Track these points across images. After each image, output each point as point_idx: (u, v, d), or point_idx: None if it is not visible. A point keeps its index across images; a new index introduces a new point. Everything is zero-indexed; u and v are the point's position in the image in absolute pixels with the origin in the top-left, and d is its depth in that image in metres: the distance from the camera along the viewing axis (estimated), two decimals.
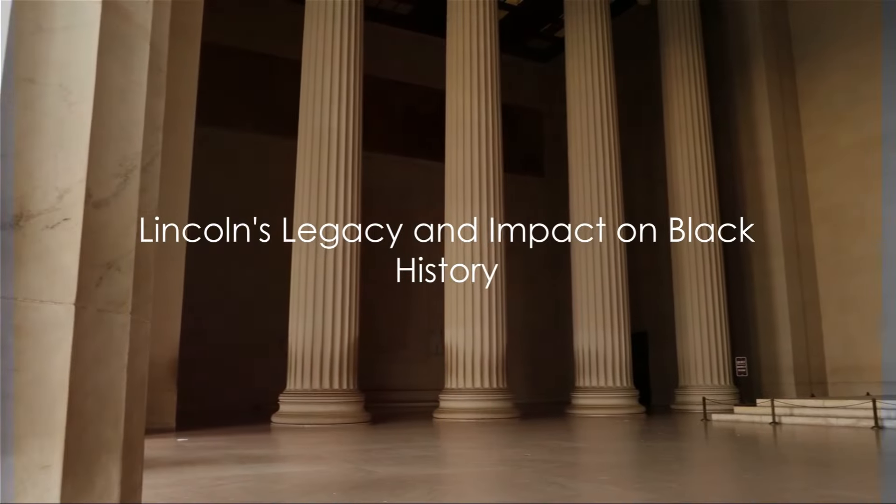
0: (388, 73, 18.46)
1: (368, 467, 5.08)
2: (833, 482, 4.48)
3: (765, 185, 15.25)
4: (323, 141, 10.93)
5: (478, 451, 6.82)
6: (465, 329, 11.60)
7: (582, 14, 14.26)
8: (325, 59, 11.22)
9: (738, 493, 4.12)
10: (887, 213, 13.84)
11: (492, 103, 12.40)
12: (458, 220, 12.00)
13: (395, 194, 18.32)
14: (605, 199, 13.45)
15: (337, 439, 7.81)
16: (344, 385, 10.35)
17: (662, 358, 16.54)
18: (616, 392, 12.75)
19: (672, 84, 15.16)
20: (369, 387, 13.72)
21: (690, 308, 14.18)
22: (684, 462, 5.77)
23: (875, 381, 13.17)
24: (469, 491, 4.30)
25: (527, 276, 19.73)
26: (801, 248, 15.05)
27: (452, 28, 12.84)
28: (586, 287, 13.23)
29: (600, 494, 3.95)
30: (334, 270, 10.56)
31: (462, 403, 11.31)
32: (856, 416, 8.75)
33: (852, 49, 14.77)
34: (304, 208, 10.82)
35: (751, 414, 10.20)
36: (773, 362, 14.61)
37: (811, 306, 14.87)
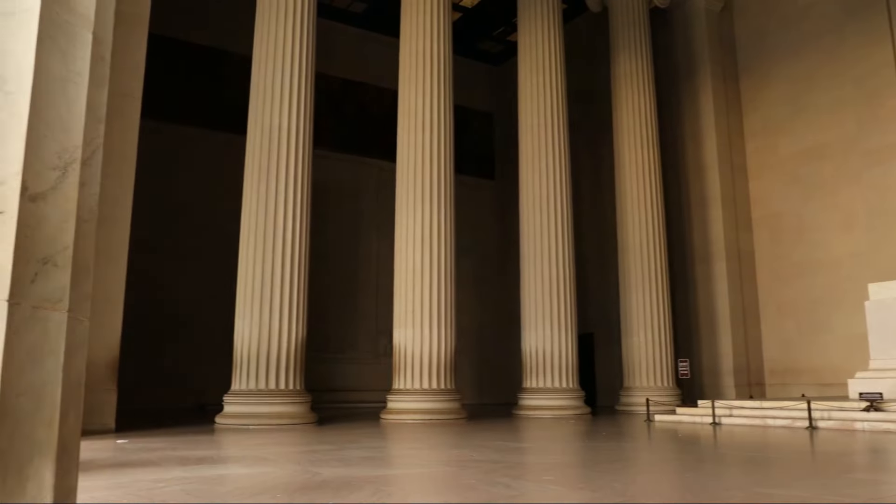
0: (340, 72, 18.36)
1: (314, 468, 5.03)
2: (768, 480, 4.62)
3: (709, 192, 15.65)
4: (273, 138, 10.78)
5: (424, 451, 6.82)
6: (413, 330, 11.59)
7: (534, 18, 14.41)
8: (276, 54, 11.07)
9: (678, 492, 4.21)
10: (823, 221, 14.35)
11: (444, 104, 12.43)
12: (408, 220, 11.99)
13: (346, 193, 18.22)
14: (554, 201, 13.61)
15: (282, 440, 7.72)
16: (290, 385, 10.22)
17: (608, 359, 16.82)
18: (562, 393, 12.91)
19: (621, 90, 15.43)
20: (317, 387, 13.60)
21: (636, 311, 14.44)
22: (627, 462, 5.87)
23: (810, 383, 13.64)
24: (414, 491, 4.29)
25: (477, 277, 19.83)
26: (742, 253, 15.49)
27: (406, 28, 12.82)
28: (534, 288, 13.37)
29: (544, 494, 3.99)
30: (282, 269, 10.43)
31: (409, 404, 11.30)
32: (791, 416, 9.04)
33: (794, 61, 15.27)
34: (252, 206, 10.65)
35: (692, 415, 10.44)
36: (714, 364, 15.00)
37: (751, 310, 15.31)
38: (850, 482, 4.48)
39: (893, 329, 9.53)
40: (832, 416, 8.66)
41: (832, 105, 14.45)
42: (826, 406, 8.80)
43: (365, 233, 18.32)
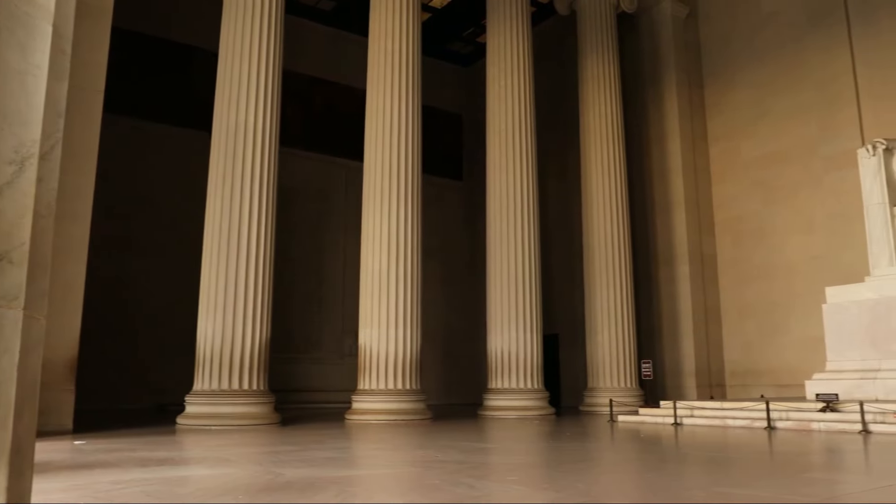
0: (308, 70, 18.23)
1: (277, 469, 4.99)
2: (728, 480, 4.69)
3: (672, 195, 15.87)
4: (238, 135, 10.66)
5: (389, 452, 6.80)
6: (379, 330, 11.55)
7: (503, 20, 14.47)
8: (243, 51, 10.95)
9: (640, 492, 4.26)
10: (783, 225, 14.65)
11: (413, 104, 12.41)
12: (375, 220, 11.95)
13: (313, 192, 18.10)
14: (521, 203, 13.68)
15: (245, 441, 7.64)
16: (254, 385, 10.12)
17: (573, 360, 16.95)
18: (527, 394, 12.98)
19: (589, 93, 15.57)
20: (281, 388, 13.49)
21: (600, 312, 14.58)
22: (591, 462, 5.92)
23: (769, 384, 13.90)
24: (379, 492, 4.28)
25: (443, 277, 19.84)
26: (704, 256, 15.74)
27: (375, 27, 12.78)
28: (500, 290, 13.43)
29: (508, 494, 4.01)
30: (247, 268, 10.32)
31: (374, 405, 11.26)
32: (750, 417, 9.20)
33: (757, 67, 15.57)
34: (216, 204, 10.52)
35: (654, 415, 10.57)
36: (677, 366, 15.21)
37: (713, 312, 15.57)
38: (807, 481, 4.58)
39: (849, 332, 9.76)
40: (790, 417, 8.84)
41: (794, 111, 14.76)
42: (784, 407, 8.97)
43: (332, 232, 18.21)
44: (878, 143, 10.77)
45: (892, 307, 9.36)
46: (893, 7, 13.53)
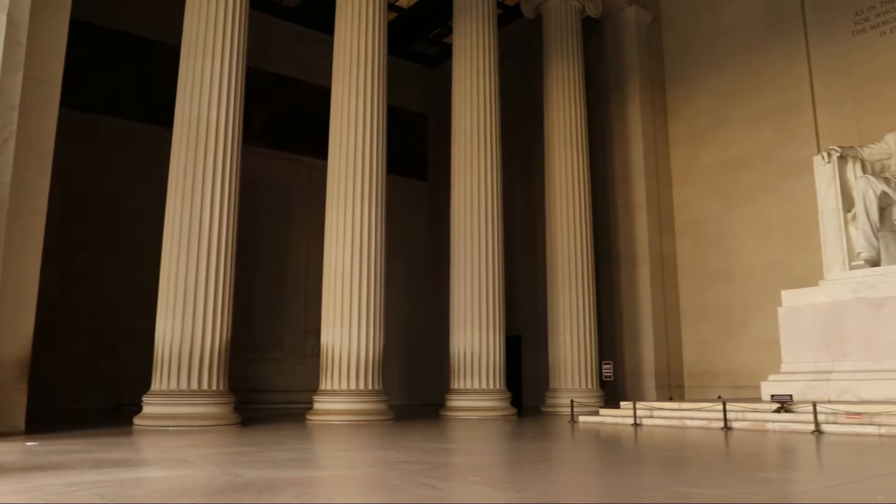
0: (273, 67, 18.05)
1: (236, 470, 4.92)
2: (685, 480, 4.77)
3: (635, 198, 16.08)
4: (200, 131, 10.50)
5: (350, 453, 6.77)
6: (341, 330, 11.48)
7: (470, 22, 14.51)
8: (207, 45, 10.79)
9: (600, 492, 4.30)
10: (741, 229, 14.95)
11: (378, 103, 12.37)
12: (339, 219, 11.89)
13: (276, 190, 17.94)
14: (485, 204, 13.73)
15: (204, 442, 7.53)
16: (214, 386, 9.98)
17: (535, 361, 17.06)
18: (489, 394, 13.03)
19: (553, 96, 15.69)
20: (242, 388, 13.33)
21: (562, 314, 14.70)
22: (551, 462, 5.96)
23: (726, 385, 14.16)
24: (339, 493, 4.25)
25: (407, 277, 19.81)
26: (665, 258, 15.98)
27: (340, 25, 12.71)
28: (464, 290, 13.45)
29: (470, 495, 4.01)
30: (207, 267, 10.17)
31: (336, 405, 11.19)
32: (708, 417, 9.36)
33: (717, 73, 15.87)
34: (177, 201, 10.35)
35: (614, 416, 10.68)
36: (637, 366, 15.41)
37: (672, 314, 15.81)
38: (761, 480, 4.67)
39: (803, 334, 9.99)
40: (746, 417, 9.01)
41: (753, 117, 15.07)
42: (740, 407, 9.15)
43: (295, 231, 18.06)
44: (832, 150, 11.05)
45: (845, 311, 9.61)
46: (848, 18, 13.91)
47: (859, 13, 13.80)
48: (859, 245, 10.23)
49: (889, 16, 13.42)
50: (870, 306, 9.38)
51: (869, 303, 9.40)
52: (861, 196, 10.23)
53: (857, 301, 9.53)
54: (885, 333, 9.19)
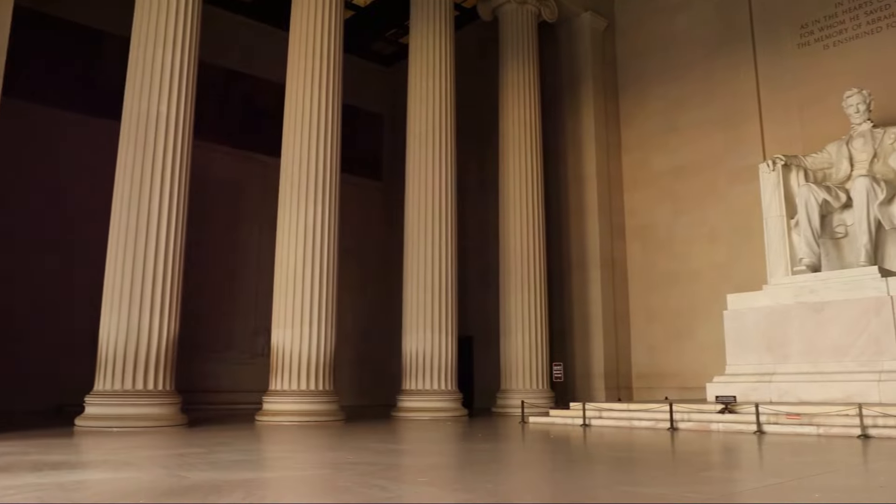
0: (226, 62, 17.77)
1: (181, 472, 4.83)
2: (632, 479, 4.85)
3: (587, 202, 16.29)
4: (150, 125, 10.28)
5: (299, 454, 6.70)
6: (292, 330, 11.36)
7: (426, 22, 14.51)
8: (157, 37, 10.56)
9: (549, 492, 4.35)
10: (690, 234, 15.27)
11: (333, 102, 12.28)
12: (291, 218, 11.76)
13: (227, 187, 17.65)
14: (439, 205, 13.74)
15: (148, 444, 7.36)
16: (160, 386, 9.77)
17: (486, 362, 17.13)
18: (441, 395, 13.04)
19: (508, 99, 15.79)
20: (190, 388, 13.08)
21: (514, 315, 14.79)
22: (501, 463, 6.00)
23: (673, 386, 14.44)
24: (288, 495, 4.21)
25: (361, 278, 19.71)
26: (615, 261, 16.23)
27: (296, 22, 12.59)
28: (417, 291, 13.45)
29: (420, 496, 4.01)
30: (155, 264, 9.96)
31: (286, 406, 11.07)
32: (655, 418, 9.53)
33: (669, 82, 16.19)
34: (124, 196, 10.11)
35: (564, 417, 10.80)
36: (587, 368, 15.61)
37: (622, 316, 16.06)
38: (705, 479, 4.78)
39: (747, 337, 10.26)
40: (691, 418, 9.20)
41: (702, 125, 15.42)
42: (686, 408, 9.34)
43: (246, 229, 17.79)
44: (777, 159, 11.38)
45: (787, 314, 9.90)
46: (794, 31, 14.34)
47: (804, 27, 14.24)
48: (801, 251, 10.55)
49: (832, 30, 13.88)
50: (810, 310, 9.68)
51: (809, 307, 9.70)
52: (803, 204, 10.55)
53: (799, 305, 9.82)
54: (824, 337, 9.50)
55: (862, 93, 11.16)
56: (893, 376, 8.69)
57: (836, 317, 9.43)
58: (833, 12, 13.89)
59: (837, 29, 13.81)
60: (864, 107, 11.10)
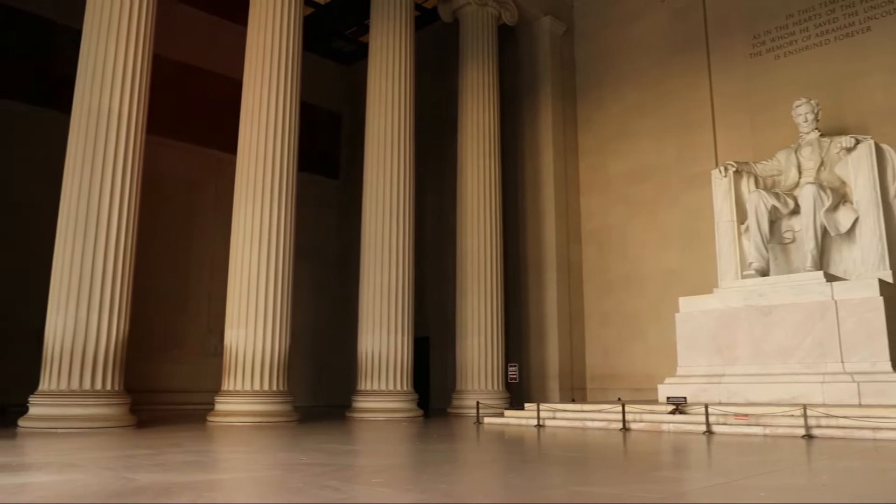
0: (182, 56, 17.44)
1: (129, 474, 4.72)
2: (584, 479, 4.91)
3: (544, 205, 16.43)
4: (101, 119, 10.03)
5: (252, 455, 6.61)
6: (246, 329, 11.21)
7: (387, 22, 14.46)
8: (111, 30, 10.31)
9: (502, 492, 4.37)
10: (644, 238, 15.51)
11: (291, 99, 12.15)
12: (247, 215, 11.60)
13: (181, 183, 17.33)
14: (397, 206, 13.71)
15: (96, 445, 7.18)
16: (108, 385, 9.54)
17: (442, 363, 17.16)
18: (396, 396, 13.01)
19: (468, 101, 15.83)
20: (140, 388, 12.81)
21: (471, 316, 14.84)
22: (455, 463, 6.01)
23: (626, 387, 14.66)
24: (239, 496, 4.15)
25: (317, 276, 19.55)
26: (571, 264, 16.40)
27: (254, 17, 12.43)
28: (373, 291, 13.39)
29: (373, 496, 4.00)
30: (104, 261, 9.72)
31: (239, 406, 10.91)
32: (608, 419, 9.65)
33: (625, 87, 16.44)
34: (73, 191, 9.84)
35: (519, 417, 10.87)
36: (542, 369, 15.74)
37: (577, 318, 16.24)
38: (655, 479, 4.86)
39: (698, 339, 10.47)
40: (643, 419, 9.34)
41: (657, 131, 15.69)
42: (638, 409, 9.48)
43: (200, 226, 17.49)
44: (729, 165, 11.65)
45: (736, 317, 10.13)
46: (747, 40, 14.69)
47: (756, 37, 14.60)
48: (750, 255, 10.82)
49: (783, 41, 14.26)
50: (758, 314, 9.93)
51: (758, 310, 9.94)
52: (753, 209, 10.81)
53: (748, 308, 10.06)
54: (771, 339, 9.75)
55: (810, 102, 11.50)
56: (836, 378, 8.96)
57: (783, 320, 9.68)
58: (784, 24, 14.27)
59: (788, 40, 14.20)
60: (813, 116, 11.43)
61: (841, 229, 10.48)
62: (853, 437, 7.46)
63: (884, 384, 8.58)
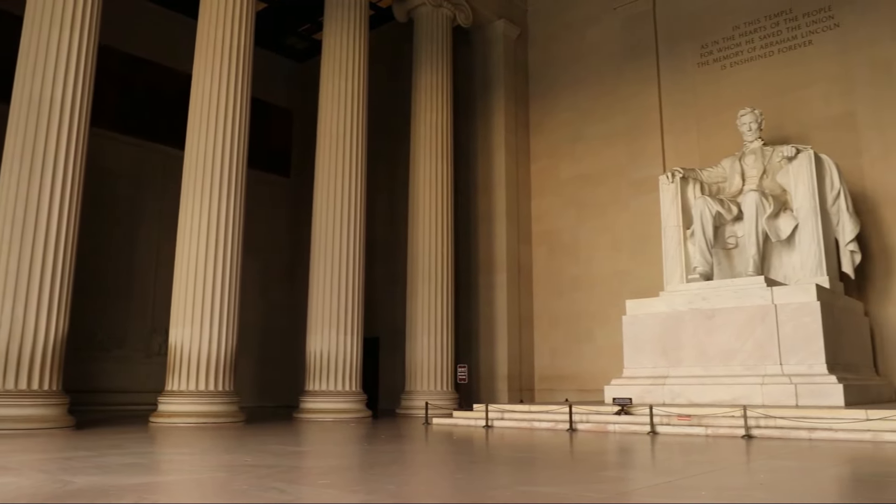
0: (129, 47, 17.03)
1: (66, 477, 4.58)
2: (531, 479, 4.95)
3: (495, 207, 16.53)
4: (42, 109, 9.71)
5: (195, 456, 6.48)
6: (192, 328, 10.98)
7: (341, 20, 14.35)
8: (55, 16, 9.98)
9: (449, 492, 4.37)
10: (594, 241, 15.74)
11: (241, 95, 11.95)
12: (193, 212, 11.36)
13: (126, 178, 16.92)
14: (348, 206, 13.61)
15: (31, 447, 6.95)
16: (45, 385, 9.24)
17: (392, 363, 17.11)
18: (345, 396, 12.91)
19: (421, 101, 15.82)
20: (81, 388, 12.47)
21: (421, 317, 14.83)
22: (403, 464, 6.00)
23: (574, 388, 14.84)
24: (181, 499, 4.06)
25: (265, 275, 19.31)
26: (521, 266, 16.53)
27: (206, 11, 12.19)
28: (323, 290, 13.27)
29: (319, 498, 3.96)
30: (43, 257, 9.41)
31: (183, 406, 10.69)
32: (555, 419, 9.76)
33: (578, 93, 16.64)
34: (11, 184, 9.50)
35: (467, 418, 10.91)
36: (491, 370, 15.82)
37: (526, 320, 16.37)
38: (601, 479, 4.93)
39: (643, 341, 10.67)
40: (590, 419, 9.47)
41: (607, 137, 15.92)
42: (585, 410, 9.61)
43: (145, 223, 17.10)
44: (676, 171, 11.91)
45: (681, 320, 10.35)
46: (695, 50, 15.03)
47: (704, 47, 14.95)
48: (695, 260, 11.07)
49: (730, 51, 14.63)
50: (702, 317, 10.16)
51: (702, 313, 10.18)
52: (699, 215, 11.07)
53: (692, 312, 10.29)
54: (714, 342, 9.99)
55: (754, 112, 11.84)
56: (775, 380, 9.24)
57: (726, 323, 9.93)
58: (731, 35, 14.64)
59: (734, 51, 14.57)
60: (756, 125, 11.77)
61: (781, 236, 10.80)
62: (790, 437, 7.69)
63: (819, 386, 8.87)
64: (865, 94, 12.75)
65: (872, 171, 12.39)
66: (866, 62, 12.85)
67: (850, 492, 4.62)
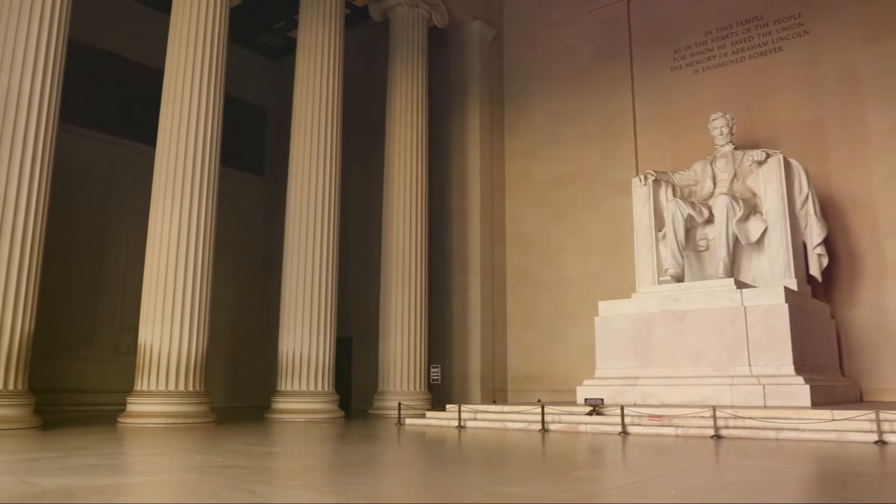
0: (100, 42, 16.76)
1: (31, 479, 4.50)
2: (504, 479, 4.96)
3: (469, 207, 16.56)
4: (10, 101, 9.50)
5: (165, 457, 6.41)
6: (162, 327, 10.83)
7: (316, 18, 14.28)
8: (23, 7, 9.76)
9: (422, 493, 4.37)
10: (567, 242, 15.83)
11: (214, 92, 11.82)
12: (165, 210, 11.21)
13: (96, 175, 16.65)
14: (322, 205, 13.54)
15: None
16: (10, 385, 9.06)
17: (365, 364, 17.04)
18: (317, 396, 12.85)
19: (396, 101, 15.79)
20: (48, 388, 12.25)
21: (394, 317, 14.80)
22: (376, 464, 5.98)
23: (547, 389, 14.90)
24: (149, 500, 4.01)
25: (237, 274, 19.12)
26: (495, 266, 16.57)
27: (178, 6, 12.04)
28: (296, 290, 13.18)
29: (290, 499, 3.93)
30: (10, 254, 9.23)
31: (153, 407, 10.54)
32: (527, 420, 9.79)
33: (552, 95, 16.73)
34: None
35: (440, 418, 10.90)
36: (464, 370, 15.84)
37: (499, 320, 16.42)
38: (572, 479, 4.96)
39: (615, 342, 10.75)
40: (562, 420, 9.52)
41: (581, 139, 16.03)
42: (557, 410, 9.66)
43: (115, 220, 16.84)
44: (648, 174, 12.03)
45: (652, 321, 10.46)
46: (668, 55, 15.20)
47: (677, 51, 15.13)
48: (667, 262, 11.19)
49: (702, 56, 14.82)
50: (673, 318, 10.27)
51: (672, 315, 10.29)
52: (670, 217, 11.20)
53: (663, 313, 10.40)
54: (684, 343, 10.11)
55: (726, 117, 12.01)
56: (744, 381, 9.37)
57: (696, 325, 10.05)
58: (703, 40, 14.83)
59: (707, 56, 14.76)
60: (728, 130, 11.94)
61: (751, 238, 10.96)
62: (758, 437, 7.81)
63: (787, 386, 9.02)
64: (832, 101, 12.99)
65: (839, 177, 12.63)
66: (833, 69, 13.10)
67: (815, 491, 4.71)
